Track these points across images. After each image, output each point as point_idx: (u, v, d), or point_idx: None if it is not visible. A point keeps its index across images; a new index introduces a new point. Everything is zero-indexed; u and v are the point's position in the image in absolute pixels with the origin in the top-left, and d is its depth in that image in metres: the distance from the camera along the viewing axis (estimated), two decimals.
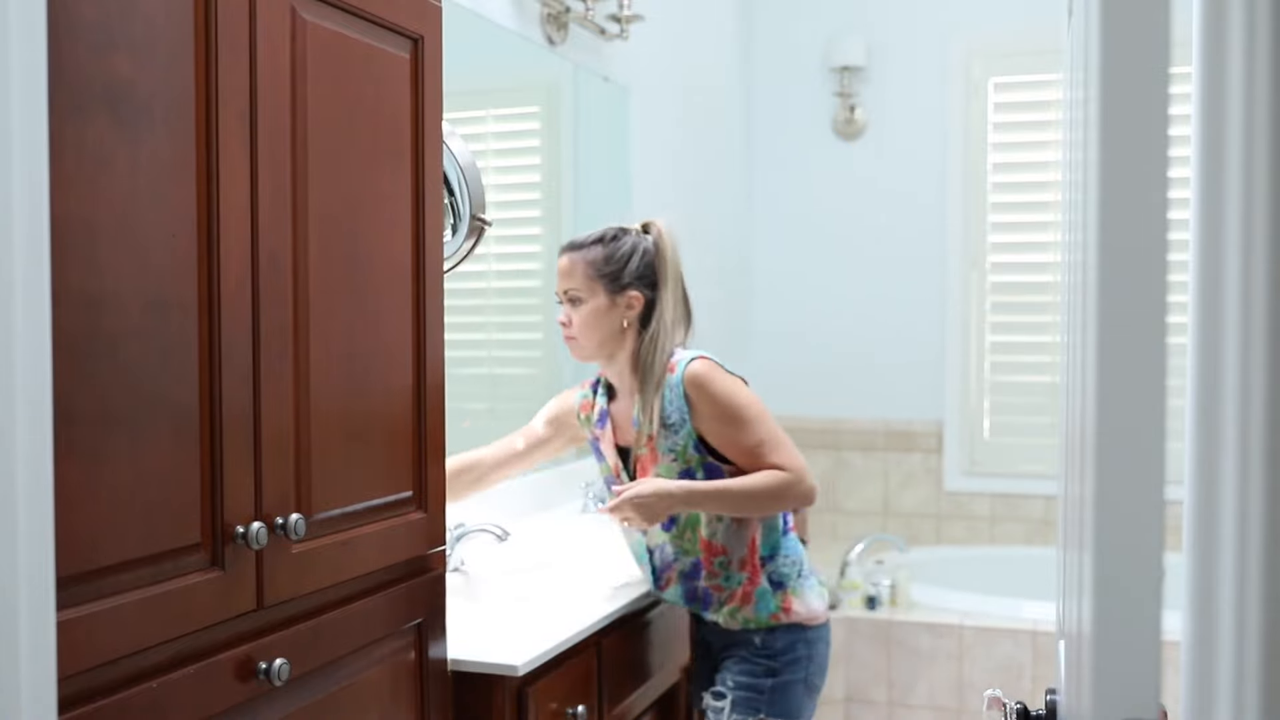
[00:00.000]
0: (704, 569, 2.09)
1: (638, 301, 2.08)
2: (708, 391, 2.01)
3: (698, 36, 4.12)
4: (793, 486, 2.00)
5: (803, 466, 2.02)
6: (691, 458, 2.04)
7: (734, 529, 2.07)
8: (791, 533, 2.14)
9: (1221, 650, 0.78)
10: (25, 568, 0.83)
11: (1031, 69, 4.37)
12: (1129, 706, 0.80)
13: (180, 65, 1.17)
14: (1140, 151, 0.79)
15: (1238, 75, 0.77)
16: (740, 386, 2.05)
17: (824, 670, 2.15)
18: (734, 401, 2.02)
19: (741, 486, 2.00)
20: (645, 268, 2.09)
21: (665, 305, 2.08)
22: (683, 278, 2.14)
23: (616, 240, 2.09)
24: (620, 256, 2.08)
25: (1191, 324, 0.86)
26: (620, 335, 2.09)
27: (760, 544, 2.08)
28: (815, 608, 2.12)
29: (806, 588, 2.11)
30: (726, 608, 2.09)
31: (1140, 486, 0.80)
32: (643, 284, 2.09)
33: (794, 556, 2.11)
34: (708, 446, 2.04)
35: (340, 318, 1.43)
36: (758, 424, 2.02)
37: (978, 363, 4.47)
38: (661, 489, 2.00)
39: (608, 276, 2.07)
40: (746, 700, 2.07)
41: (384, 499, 1.53)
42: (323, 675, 1.41)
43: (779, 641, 2.08)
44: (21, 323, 0.83)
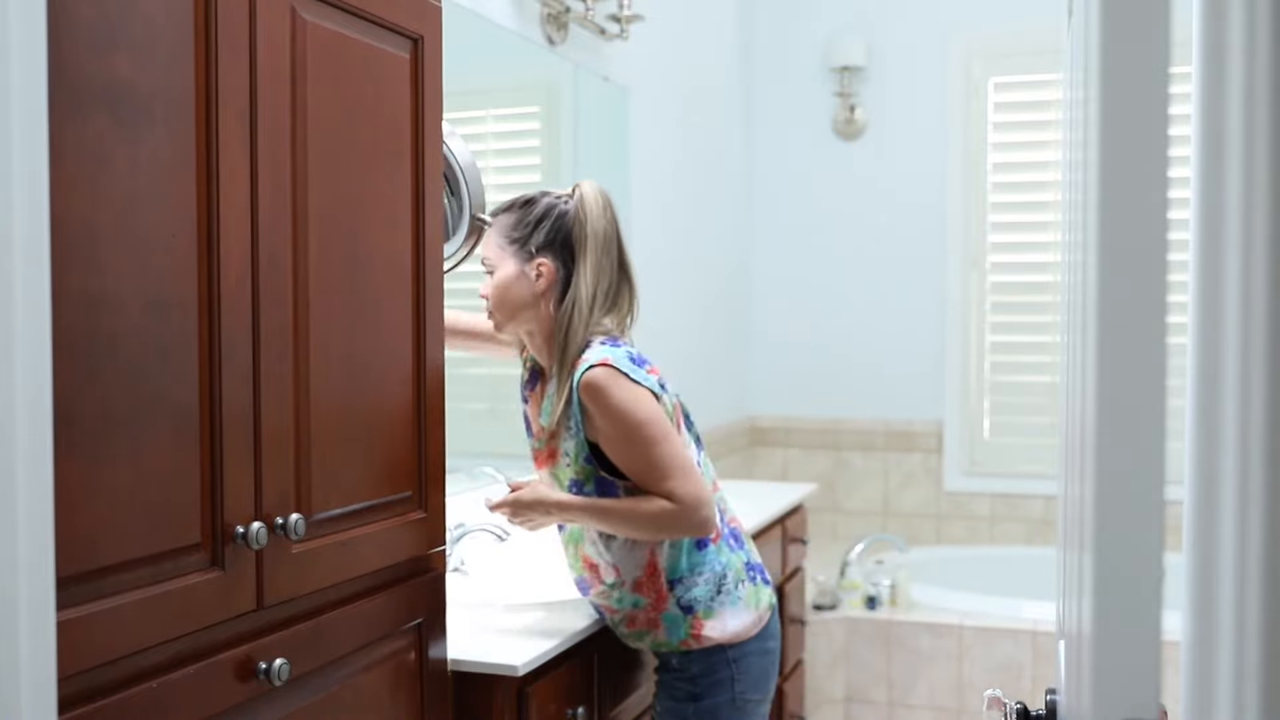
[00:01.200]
0: (590, 586, 1.95)
1: (547, 269, 1.87)
2: (602, 403, 1.79)
3: (698, 36, 4.12)
4: (676, 518, 1.80)
5: (696, 497, 1.80)
6: (582, 468, 1.86)
7: (627, 548, 1.88)
8: (715, 544, 1.90)
9: (1221, 650, 0.78)
10: (25, 567, 0.83)
11: (1031, 69, 4.37)
12: (1129, 706, 0.80)
13: (180, 65, 1.17)
14: (1140, 151, 0.79)
15: (1238, 75, 0.77)
16: (642, 401, 1.80)
17: (761, 683, 1.96)
18: (631, 418, 1.79)
19: (624, 510, 1.82)
20: (559, 233, 1.88)
21: (582, 277, 1.86)
22: (616, 250, 1.90)
23: (530, 204, 1.91)
24: (529, 220, 1.89)
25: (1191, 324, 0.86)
26: (533, 307, 1.89)
27: (664, 566, 1.87)
28: (735, 627, 1.90)
29: (726, 605, 1.89)
30: (627, 631, 1.92)
31: (1140, 486, 0.80)
32: (555, 251, 1.88)
33: (714, 572, 1.89)
34: (601, 458, 1.85)
35: (340, 317, 1.43)
36: (654, 445, 1.79)
37: (978, 363, 4.47)
38: (540, 497, 1.87)
39: (516, 242, 1.89)
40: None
41: (384, 499, 1.53)
42: (323, 675, 1.41)
43: (695, 665, 1.91)
44: (21, 322, 0.83)
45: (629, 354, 1.85)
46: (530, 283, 1.88)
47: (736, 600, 1.91)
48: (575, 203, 1.89)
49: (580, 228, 1.87)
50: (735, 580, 1.92)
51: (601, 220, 1.88)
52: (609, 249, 1.89)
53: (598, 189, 1.91)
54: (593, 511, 1.85)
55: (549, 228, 1.88)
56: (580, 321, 1.85)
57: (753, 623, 1.93)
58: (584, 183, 1.92)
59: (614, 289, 1.90)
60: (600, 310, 1.88)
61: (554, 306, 1.89)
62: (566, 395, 1.84)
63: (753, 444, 4.68)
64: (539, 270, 1.88)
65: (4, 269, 0.81)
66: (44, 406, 0.85)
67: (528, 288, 1.89)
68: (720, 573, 1.90)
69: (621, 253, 1.92)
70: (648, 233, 3.65)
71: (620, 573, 1.89)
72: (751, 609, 1.93)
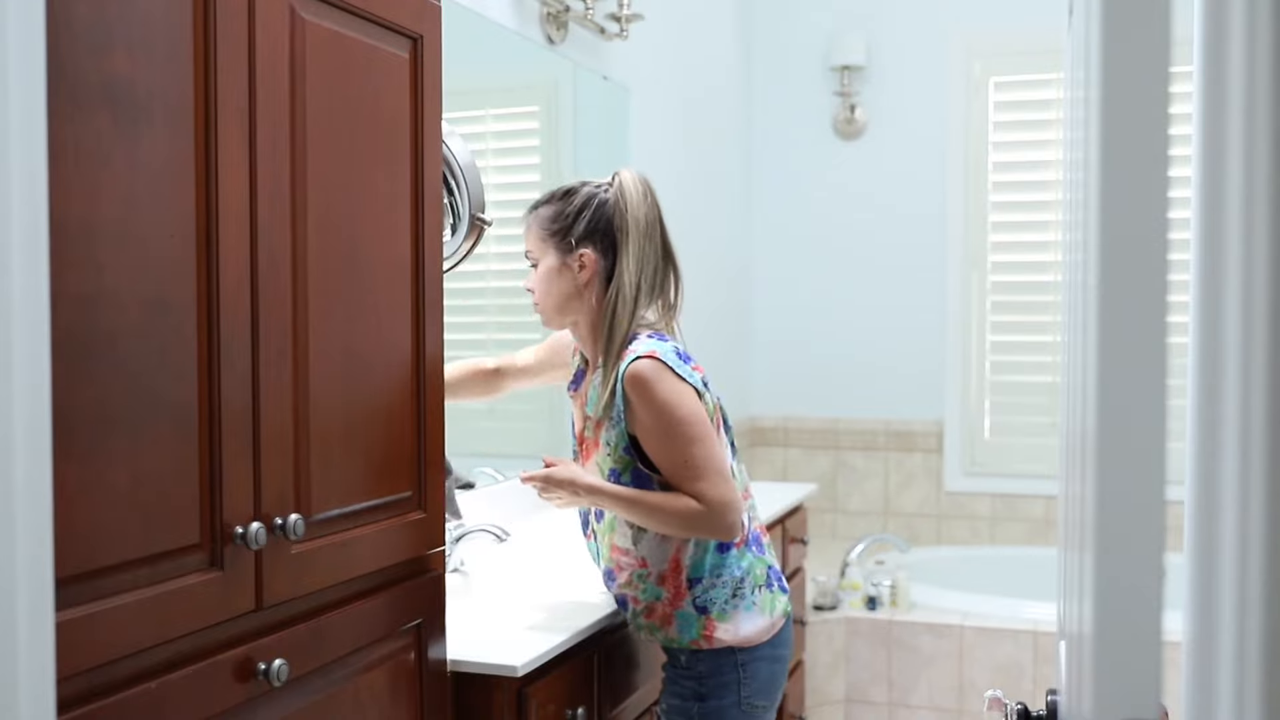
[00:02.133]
0: (616, 577, 1.94)
1: (589, 260, 1.88)
2: (646, 395, 1.80)
3: (698, 36, 4.12)
4: (703, 520, 1.80)
5: (725, 501, 1.80)
6: (621, 459, 1.86)
7: (656, 542, 1.88)
8: (738, 548, 1.90)
9: (1222, 650, 0.77)
10: (24, 568, 0.83)
11: (1032, 68, 4.37)
12: (1130, 707, 0.80)
13: (179, 64, 1.17)
14: (1141, 151, 0.79)
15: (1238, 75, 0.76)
16: (685, 397, 1.81)
17: (768, 689, 1.94)
18: (673, 414, 1.80)
19: (652, 503, 1.83)
20: (600, 222, 1.88)
21: (625, 266, 1.86)
22: (659, 236, 1.90)
23: (569, 195, 1.91)
24: (569, 212, 1.89)
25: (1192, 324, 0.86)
26: (577, 298, 1.90)
27: (686, 564, 1.88)
28: (747, 631, 1.89)
29: (741, 609, 1.88)
30: (644, 622, 1.92)
31: (1141, 487, 0.79)
32: (596, 241, 1.88)
33: (733, 576, 1.89)
34: (639, 451, 1.85)
35: (339, 317, 1.43)
36: (691, 444, 1.80)
37: (978, 363, 4.47)
38: (573, 477, 1.87)
39: (557, 234, 1.89)
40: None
41: (383, 499, 1.52)
42: (322, 676, 1.41)
43: (703, 664, 1.90)
44: (20, 322, 0.83)
45: (675, 349, 1.86)
46: (573, 274, 1.89)
47: (751, 605, 1.90)
48: (615, 191, 1.89)
49: (621, 216, 1.87)
50: (753, 585, 1.91)
51: (643, 206, 1.88)
52: (651, 235, 1.89)
53: (637, 176, 1.91)
54: (622, 500, 1.85)
55: (589, 218, 1.88)
56: (625, 310, 1.86)
57: (765, 628, 1.92)
58: (623, 170, 1.92)
59: (659, 275, 1.91)
60: (645, 297, 1.88)
61: (598, 297, 1.89)
62: (612, 385, 1.84)
63: (753, 444, 4.68)
64: (581, 261, 1.89)
65: (2, 269, 0.81)
66: (42, 406, 0.85)
67: (571, 280, 1.90)
68: (740, 577, 1.90)
69: (664, 238, 1.92)
70: None
71: (647, 564, 1.90)
72: (766, 615, 1.92)
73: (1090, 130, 0.87)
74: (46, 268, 0.86)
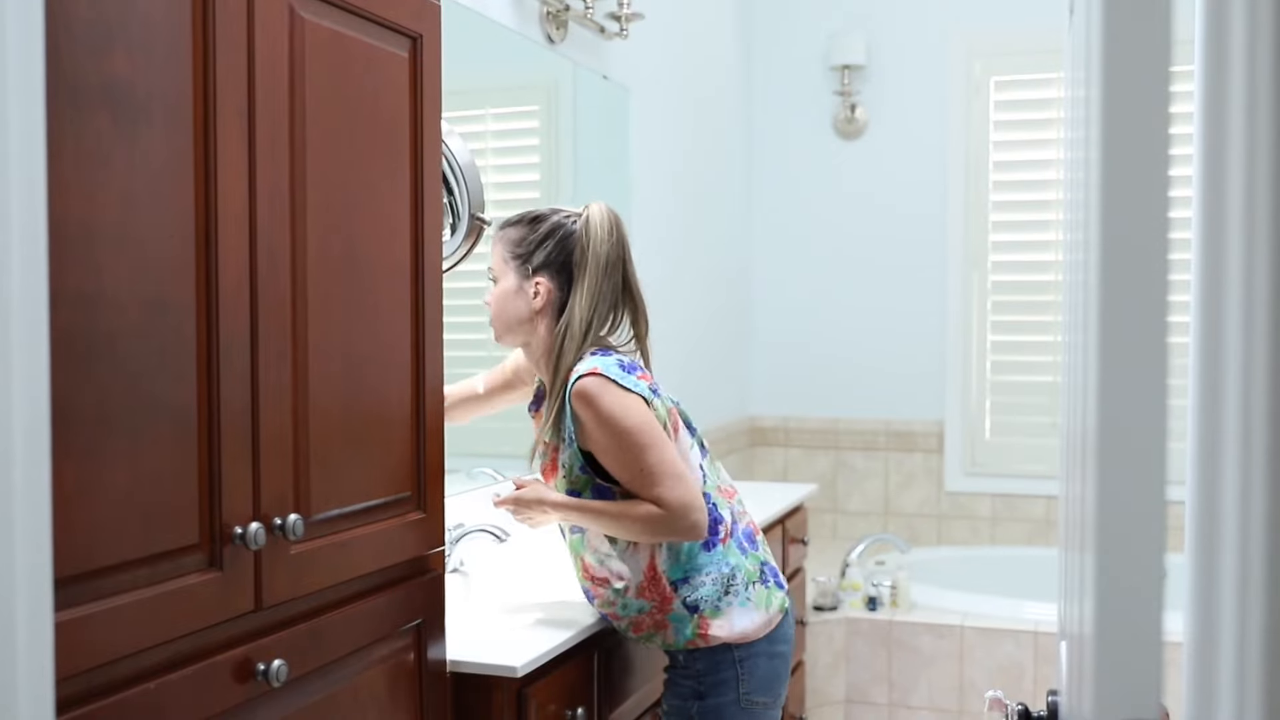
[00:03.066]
0: (594, 596, 1.96)
1: (544, 289, 1.90)
2: (593, 410, 1.82)
3: (698, 35, 4.12)
4: (665, 523, 1.81)
5: (684, 503, 1.81)
6: (578, 479, 1.88)
7: (629, 553, 1.89)
8: (724, 544, 1.91)
9: (1223, 651, 0.77)
10: (23, 568, 0.83)
11: (1033, 68, 4.36)
12: (1131, 707, 0.80)
13: (178, 64, 1.17)
14: (1142, 151, 0.79)
15: (1240, 74, 0.76)
16: (631, 408, 1.82)
17: (769, 686, 1.94)
18: (621, 424, 1.81)
19: (614, 512, 1.85)
20: (560, 254, 1.91)
21: (578, 299, 1.88)
22: (619, 274, 1.92)
23: (537, 221, 1.93)
24: (534, 239, 1.92)
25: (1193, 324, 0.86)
26: (528, 323, 1.93)
27: (663, 569, 1.88)
28: (743, 627, 1.90)
29: (734, 605, 1.89)
30: (635, 635, 1.94)
31: (1142, 487, 0.79)
32: (553, 272, 1.91)
33: (721, 573, 1.90)
34: (596, 467, 1.87)
35: (339, 317, 1.43)
36: (644, 451, 1.81)
37: (979, 363, 4.46)
38: (540, 496, 1.91)
39: (519, 258, 1.92)
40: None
41: (383, 499, 1.52)
42: (321, 676, 1.41)
43: (700, 662, 1.91)
44: (19, 322, 0.83)
45: (619, 361, 1.87)
46: (527, 299, 1.92)
47: (745, 601, 1.91)
48: (581, 225, 1.91)
49: (581, 252, 1.89)
50: (745, 581, 1.92)
51: (605, 244, 1.90)
52: (611, 274, 1.91)
53: (606, 211, 1.93)
54: (587, 512, 1.88)
55: (551, 248, 1.91)
56: (572, 344, 1.88)
57: (762, 624, 1.92)
58: (593, 205, 1.94)
59: (613, 313, 1.93)
60: (594, 334, 1.90)
61: (549, 326, 1.92)
62: (558, 406, 1.88)
63: (753, 444, 4.67)
64: (536, 289, 1.91)
65: (2, 269, 0.81)
66: (41, 406, 0.85)
67: (525, 304, 1.92)
68: (729, 573, 1.90)
69: (626, 276, 1.94)
70: (647, 232, 3.65)
71: (623, 578, 1.91)
72: (761, 610, 1.93)
73: (1091, 130, 0.87)
74: (46, 268, 0.86)
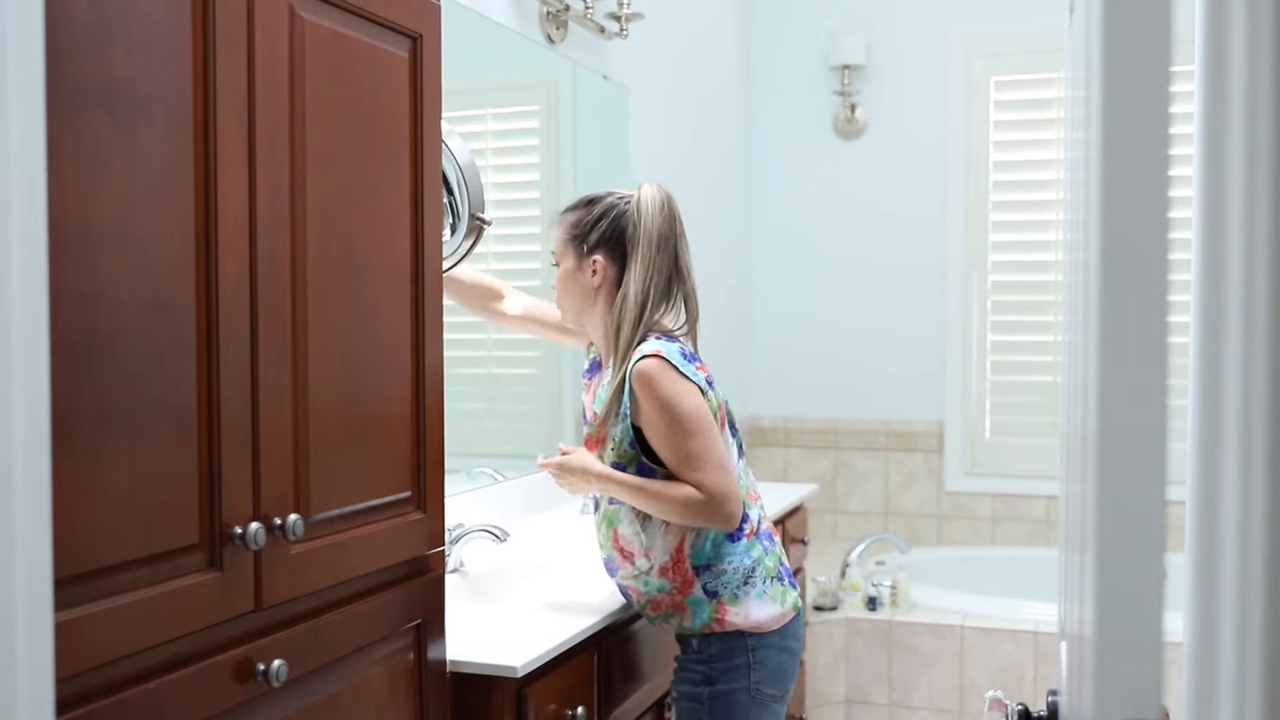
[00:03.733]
0: (619, 567, 2.02)
1: (600, 266, 2.00)
2: (650, 391, 1.90)
3: (698, 35, 4.12)
4: (703, 509, 1.89)
5: (723, 491, 1.88)
6: (626, 452, 1.95)
7: (661, 533, 1.96)
8: (749, 539, 1.99)
9: (1223, 651, 0.77)
10: (23, 568, 0.83)
11: (1033, 67, 4.36)
12: (1131, 707, 0.80)
13: (178, 64, 1.17)
14: (1142, 150, 0.79)
15: (1240, 74, 0.76)
16: (687, 394, 1.91)
17: (779, 679, 1.99)
18: (675, 409, 1.90)
19: (655, 490, 1.92)
20: (614, 233, 2.00)
21: (632, 273, 1.97)
22: (673, 249, 2.00)
23: (592, 204, 2.04)
24: (589, 220, 2.02)
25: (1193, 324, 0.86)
26: (590, 300, 2.03)
27: (689, 553, 1.95)
28: (758, 616, 1.96)
29: (752, 596, 1.96)
30: (653, 614, 2.00)
31: (1142, 487, 0.79)
32: (609, 249, 2.00)
33: (743, 564, 1.96)
34: (644, 445, 1.95)
35: (339, 317, 1.43)
36: (693, 437, 1.90)
37: (979, 363, 4.46)
38: (586, 465, 1.97)
39: (577, 239, 2.03)
40: (688, 710, 1.98)
41: (383, 499, 1.52)
42: (321, 676, 1.41)
43: (714, 647, 1.96)
44: (19, 323, 0.82)
45: (681, 350, 1.96)
46: (587, 278, 2.02)
47: (763, 594, 1.98)
48: (633, 203, 2.00)
49: (634, 228, 1.98)
50: (765, 576, 1.99)
51: (657, 220, 1.98)
52: (664, 249, 1.98)
53: (658, 190, 2.01)
54: (628, 487, 1.94)
55: (605, 227, 2.00)
56: (629, 316, 1.96)
57: (776, 617, 1.98)
58: (646, 185, 2.02)
59: (668, 289, 2.00)
60: (652, 308, 1.97)
61: (608, 302, 2.01)
62: (618, 383, 1.95)
63: (753, 444, 4.67)
64: (594, 266, 2.01)
65: (2, 269, 0.81)
66: (41, 407, 0.85)
67: (584, 283, 2.03)
68: (750, 566, 1.97)
69: (678, 254, 2.01)
70: None
71: (650, 556, 1.97)
72: (777, 605, 1.99)
73: (1091, 130, 0.87)
74: (45, 268, 0.86)
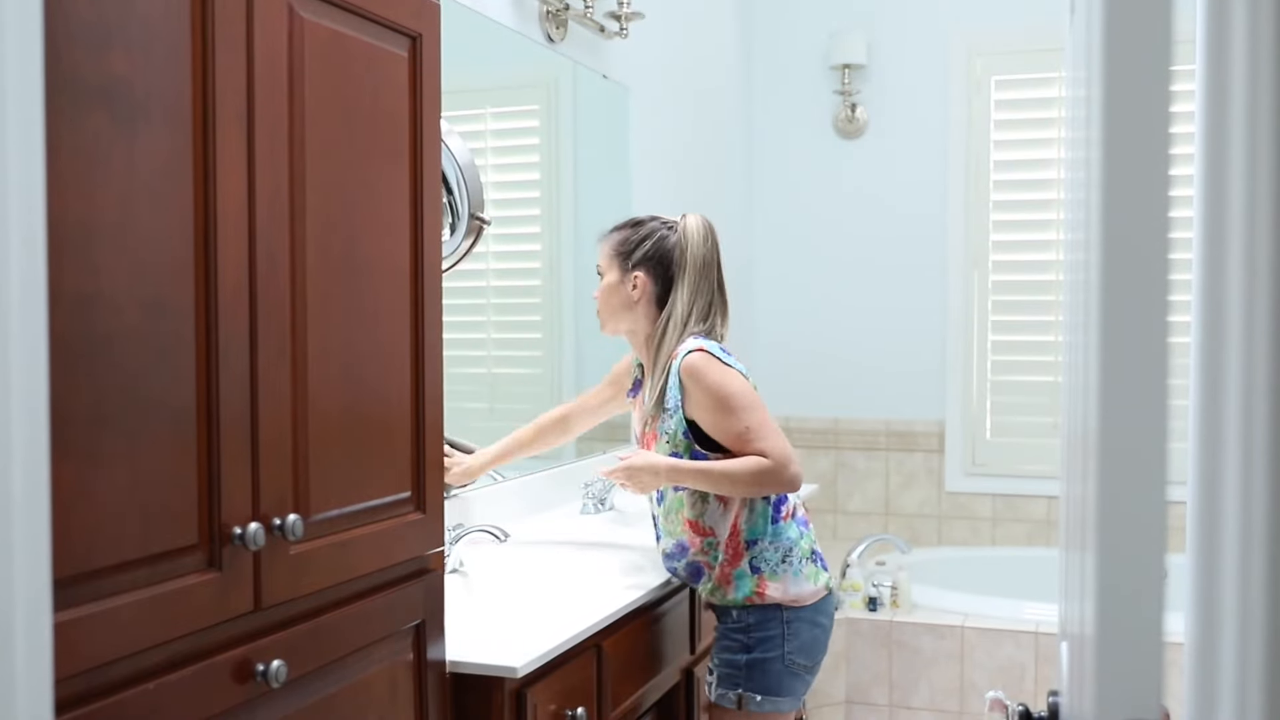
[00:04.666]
0: (690, 548, 2.20)
1: (641, 282, 2.22)
2: (700, 380, 2.11)
3: (698, 34, 4.12)
4: (772, 473, 2.08)
5: (786, 455, 2.08)
6: (680, 443, 2.15)
7: (719, 512, 2.16)
8: (785, 521, 2.19)
9: (1224, 651, 0.77)
10: (22, 569, 0.83)
11: (1033, 67, 4.36)
12: (1131, 708, 0.80)
13: (177, 63, 1.17)
14: (1143, 150, 0.79)
15: (1241, 74, 0.76)
16: (733, 378, 2.12)
17: (810, 651, 2.19)
18: (724, 391, 2.10)
19: (723, 469, 2.10)
20: (658, 253, 2.22)
21: (679, 294, 2.20)
22: (714, 274, 2.24)
23: (638, 226, 2.27)
24: (635, 240, 2.24)
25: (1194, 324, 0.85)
26: (629, 311, 2.24)
27: (743, 528, 2.16)
28: (794, 592, 2.16)
29: (790, 573, 2.16)
30: (710, 584, 2.19)
31: (1143, 487, 0.79)
32: (651, 267, 2.22)
33: (783, 544, 2.17)
34: (698, 435, 2.14)
35: (338, 317, 1.43)
36: (746, 412, 2.10)
37: (979, 362, 4.46)
38: (651, 462, 2.14)
39: (622, 255, 2.24)
40: (727, 676, 2.17)
41: (382, 500, 1.52)
42: (321, 677, 1.40)
43: (752, 617, 2.16)
44: (17, 323, 0.82)
45: (719, 346, 2.19)
46: (627, 291, 2.24)
47: (799, 572, 2.18)
48: (679, 231, 2.23)
49: (681, 253, 2.21)
50: (801, 556, 2.19)
51: (701, 247, 2.22)
52: (707, 273, 2.23)
53: (702, 219, 2.25)
54: (697, 470, 2.12)
55: (648, 247, 2.23)
56: (674, 332, 2.19)
57: (810, 593, 2.18)
58: (690, 215, 2.26)
59: (710, 307, 2.23)
60: (694, 324, 2.20)
61: (648, 314, 2.24)
62: (663, 382, 2.17)
63: None
64: (635, 282, 2.23)
65: (0, 269, 0.81)
66: (40, 407, 0.85)
67: (625, 295, 2.25)
68: (789, 546, 2.18)
69: (720, 277, 2.25)
70: None
71: (715, 532, 2.17)
72: (810, 583, 2.19)
73: (1092, 130, 0.87)
74: (44, 268, 0.85)
